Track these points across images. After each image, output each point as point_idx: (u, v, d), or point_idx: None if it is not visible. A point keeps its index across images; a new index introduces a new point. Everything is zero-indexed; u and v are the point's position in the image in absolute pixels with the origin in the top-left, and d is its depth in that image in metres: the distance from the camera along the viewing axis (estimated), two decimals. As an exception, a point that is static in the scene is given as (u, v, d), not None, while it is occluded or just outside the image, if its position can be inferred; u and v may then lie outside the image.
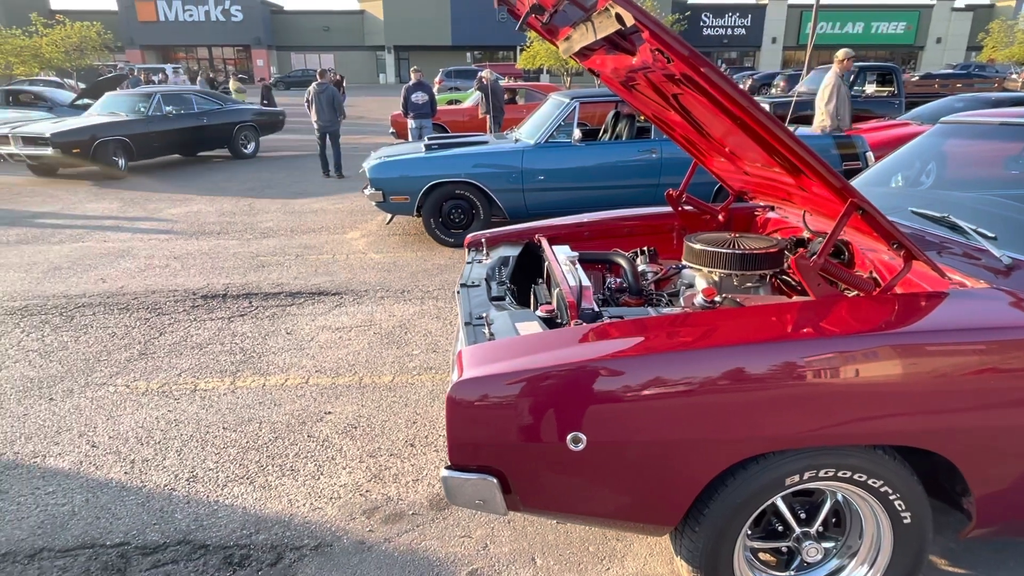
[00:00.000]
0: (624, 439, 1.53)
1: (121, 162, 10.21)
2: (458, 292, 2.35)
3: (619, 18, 1.61)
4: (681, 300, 2.34)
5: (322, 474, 2.67)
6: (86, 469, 2.72)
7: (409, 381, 3.46)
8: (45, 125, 9.99)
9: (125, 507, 2.47)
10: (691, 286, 2.47)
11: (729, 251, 2.24)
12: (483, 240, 2.89)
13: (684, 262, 2.44)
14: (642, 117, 6.03)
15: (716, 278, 2.32)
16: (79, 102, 14.50)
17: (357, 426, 3.02)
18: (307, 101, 9.75)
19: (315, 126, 9.75)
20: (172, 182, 9.90)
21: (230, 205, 8.12)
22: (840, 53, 6.99)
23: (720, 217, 2.97)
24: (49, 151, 9.45)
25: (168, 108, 10.95)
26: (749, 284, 2.33)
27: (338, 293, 4.86)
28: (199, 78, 20.46)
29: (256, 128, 12.50)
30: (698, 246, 2.32)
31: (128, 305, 4.66)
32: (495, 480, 1.58)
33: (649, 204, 4.07)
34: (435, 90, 12.57)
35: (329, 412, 3.15)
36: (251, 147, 12.50)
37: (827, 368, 1.52)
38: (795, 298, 2.24)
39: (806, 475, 1.61)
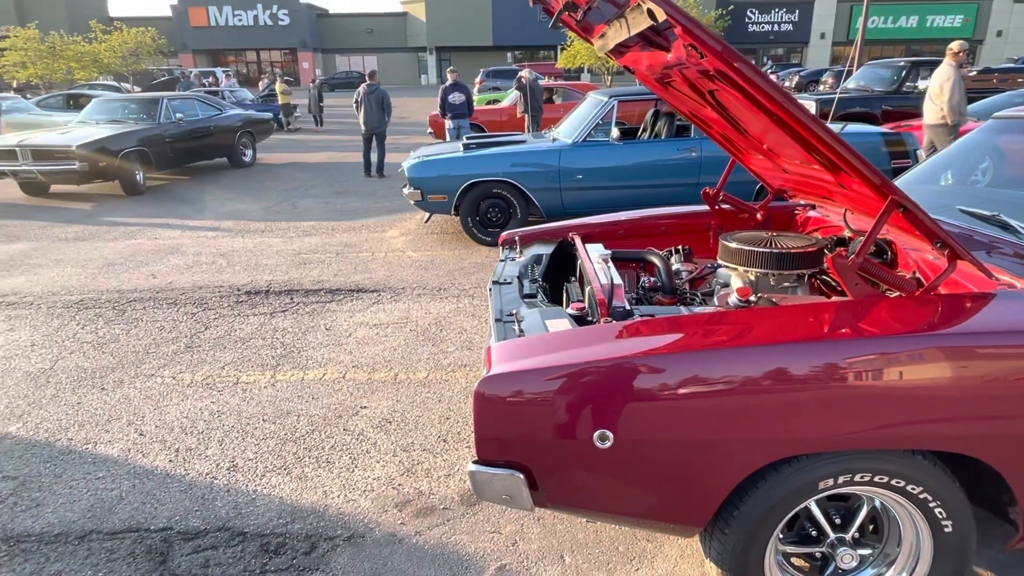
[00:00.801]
0: (652, 438, 1.52)
1: (140, 176, 9.16)
2: (490, 289, 2.36)
3: (651, 13, 1.59)
4: (715, 299, 2.31)
5: (356, 467, 2.72)
6: (134, 456, 2.83)
7: (443, 378, 3.50)
8: (54, 136, 8.76)
9: (169, 493, 2.57)
10: (727, 285, 2.43)
11: (766, 250, 2.20)
12: (517, 238, 2.90)
13: (719, 261, 2.40)
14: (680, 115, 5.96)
15: (752, 277, 2.28)
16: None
17: (391, 421, 3.07)
18: (356, 102, 9.86)
19: (362, 127, 9.90)
20: (214, 188, 10.19)
21: (274, 204, 8.33)
22: (955, 45, 6.69)
23: (758, 216, 2.92)
24: (75, 165, 8.25)
25: (178, 114, 9.90)
26: (787, 284, 2.28)
27: (376, 290, 4.94)
28: (263, 80, 20.41)
29: (252, 134, 11.53)
30: (734, 245, 2.28)
31: (176, 300, 4.83)
32: (522, 476, 1.58)
33: (688, 203, 4.02)
34: (475, 90, 12.68)
35: (365, 406, 3.21)
36: (249, 155, 11.46)
37: (864, 370, 1.48)
38: (834, 299, 2.19)
39: (840, 479, 1.57)
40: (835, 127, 6.25)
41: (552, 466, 1.58)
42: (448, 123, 10.00)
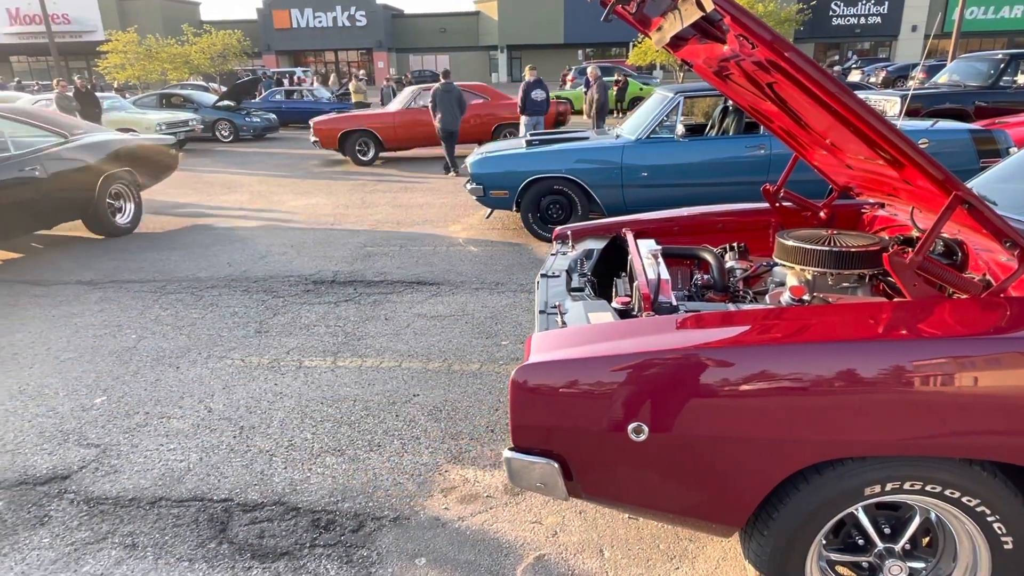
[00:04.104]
0: (687, 433, 1.50)
1: None
2: (537, 282, 2.38)
3: (699, 4, 1.57)
4: (767, 298, 2.25)
5: (406, 452, 2.80)
6: (202, 431, 3.02)
7: (496, 370, 3.55)
8: None
9: (231, 467, 2.72)
10: (782, 284, 2.36)
11: (823, 248, 2.12)
12: (569, 233, 2.91)
13: (775, 259, 2.34)
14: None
15: (809, 277, 2.21)
16: (220, 103, 15.94)
17: (442, 409, 3.14)
18: (432, 103, 9.78)
19: (439, 126, 9.87)
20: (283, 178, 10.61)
21: (344, 199, 8.62)
22: None
23: (822, 214, 2.81)
24: None
25: None
26: (846, 284, 2.19)
27: (436, 283, 5.05)
28: (332, 78, 19.39)
29: (134, 178, 6.98)
30: (790, 242, 2.21)
31: (248, 288, 5.09)
32: (556, 465, 1.59)
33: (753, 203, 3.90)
34: (567, 86, 12.50)
35: (417, 394, 3.29)
36: (127, 211, 6.99)
37: (916, 373, 1.41)
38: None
39: (888, 486, 1.51)
40: (924, 124, 5.92)
41: (586, 457, 1.59)
42: (524, 119, 10.05)
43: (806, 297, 2.02)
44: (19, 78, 33.33)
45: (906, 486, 1.51)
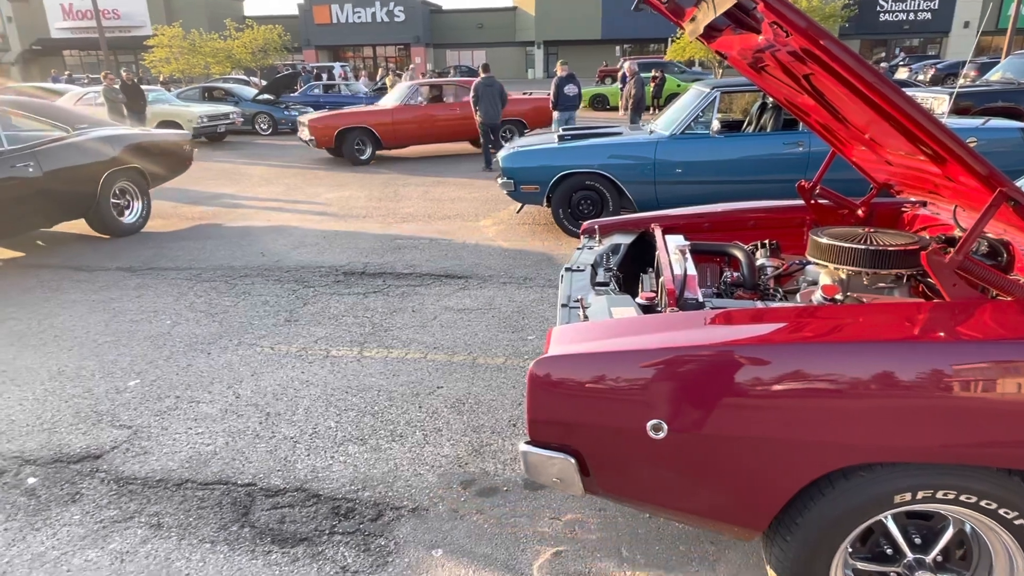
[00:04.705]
0: (707, 432, 1.46)
1: None
2: (562, 276, 2.35)
3: (731, -10, 1.52)
4: (798, 297, 2.18)
5: (427, 443, 2.80)
6: (229, 416, 3.07)
7: (520, 364, 3.53)
8: None
9: (256, 453, 2.76)
10: (815, 283, 2.29)
11: (859, 246, 2.05)
12: (597, 227, 2.87)
13: (809, 257, 2.26)
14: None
15: (843, 276, 2.13)
16: (260, 97, 16.23)
17: (465, 402, 3.13)
18: (475, 97, 9.68)
19: (481, 120, 9.77)
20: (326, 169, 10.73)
21: (377, 192, 8.69)
22: None
23: (859, 212, 2.72)
24: None
25: None
26: (882, 284, 2.11)
27: (464, 277, 5.05)
28: (380, 72, 18.63)
29: (143, 175, 6.73)
30: (824, 240, 2.14)
31: (280, 277, 5.16)
32: (573, 461, 1.57)
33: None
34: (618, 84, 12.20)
35: (441, 387, 3.30)
36: (136, 209, 6.76)
37: (953, 377, 1.35)
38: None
39: (920, 495, 1.44)
40: (974, 122, 5.70)
41: (603, 453, 1.56)
42: (556, 114, 10.00)
43: (839, 296, 1.95)
44: (70, 71, 34.47)
45: (939, 495, 1.44)
